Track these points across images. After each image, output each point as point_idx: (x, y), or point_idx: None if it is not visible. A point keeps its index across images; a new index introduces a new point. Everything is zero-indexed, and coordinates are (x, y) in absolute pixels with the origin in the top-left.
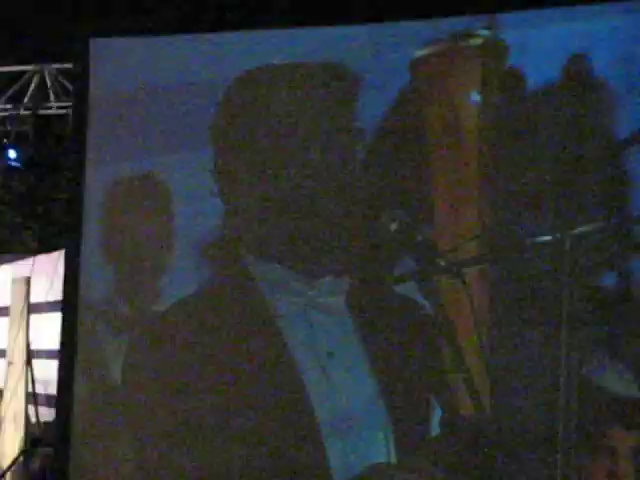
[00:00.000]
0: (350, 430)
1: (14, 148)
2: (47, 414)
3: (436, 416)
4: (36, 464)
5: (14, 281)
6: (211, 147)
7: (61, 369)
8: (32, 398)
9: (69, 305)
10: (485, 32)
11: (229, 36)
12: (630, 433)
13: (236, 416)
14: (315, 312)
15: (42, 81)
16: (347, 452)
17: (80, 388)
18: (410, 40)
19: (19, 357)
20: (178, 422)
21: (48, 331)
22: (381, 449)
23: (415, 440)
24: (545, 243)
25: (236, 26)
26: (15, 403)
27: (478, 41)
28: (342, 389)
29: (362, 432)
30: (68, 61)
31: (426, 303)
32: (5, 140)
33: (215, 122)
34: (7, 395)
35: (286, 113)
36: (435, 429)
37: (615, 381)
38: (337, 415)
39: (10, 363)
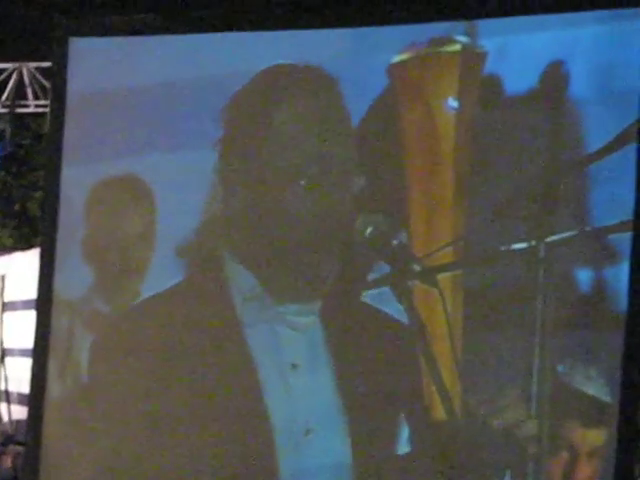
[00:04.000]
0: (307, 440)
1: None
2: (20, 412)
3: (403, 434)
4: (7, 462)
5: None
6: (215, 149)
7: (34, 367)
8: (4, 396)
9: (43, 303)
10: (464, 38)
11: (208, 37)
12: (593, 432)
13: (197, 415)
14: (283, 326)
15: (20, 79)
16: (300, 462)
17: (53, 387)
18: (389, 45)
19: None
20: (146, 422)
21: (22, 329)
22: (338, 460)
23: (377, 456)
24: (519, 250)
25: (216, 28)
26: None
27: (457, 47)
28: (302, 400)
29: (319, 444)
30: (47, 60)
31: (399, 314)
32: None
33: (223, 124)
34: None
35: (286, 120)
36: (402, 448)
37: (587, 384)
38: (294, 425)
39: None
